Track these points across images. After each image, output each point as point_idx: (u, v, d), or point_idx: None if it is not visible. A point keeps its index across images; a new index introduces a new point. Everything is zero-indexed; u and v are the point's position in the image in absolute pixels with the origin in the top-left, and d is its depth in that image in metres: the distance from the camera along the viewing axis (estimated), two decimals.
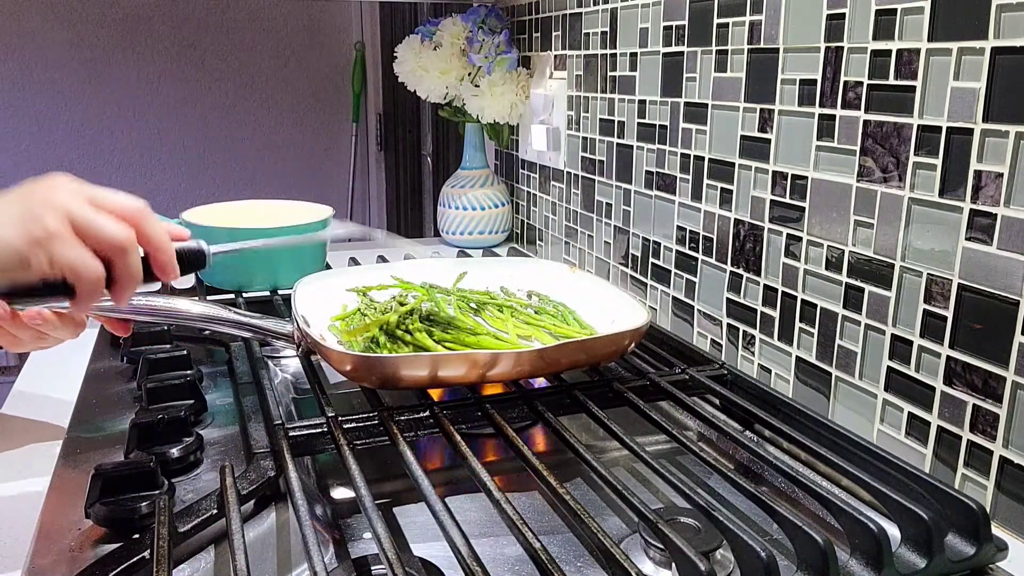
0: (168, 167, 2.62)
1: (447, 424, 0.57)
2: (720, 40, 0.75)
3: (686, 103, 0.81)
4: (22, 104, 2.42)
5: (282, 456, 0.53)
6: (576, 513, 0.46)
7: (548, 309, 0.76)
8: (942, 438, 0.56)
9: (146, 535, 0.46)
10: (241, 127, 2.68)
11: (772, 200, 0.70)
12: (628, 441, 0.54)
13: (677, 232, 0.85)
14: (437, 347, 0.66)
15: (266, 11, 2.63)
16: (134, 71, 2.51)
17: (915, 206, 0.56)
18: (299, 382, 0.78)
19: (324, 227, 0.96)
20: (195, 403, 0.65)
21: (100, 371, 0.76)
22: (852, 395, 0.63)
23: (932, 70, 0.54)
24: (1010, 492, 0.52)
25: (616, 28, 0.94)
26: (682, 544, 0.42)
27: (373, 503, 0.46)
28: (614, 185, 0.97)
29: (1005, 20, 0.49)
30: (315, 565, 0.41)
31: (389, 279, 0.82)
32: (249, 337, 0.71)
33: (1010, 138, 0.49)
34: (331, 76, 2.75)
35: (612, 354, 0.66)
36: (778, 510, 0.45)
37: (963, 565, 0.46)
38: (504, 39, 1.18)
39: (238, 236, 0.91)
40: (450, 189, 1.30)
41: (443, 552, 0.47)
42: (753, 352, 0.74)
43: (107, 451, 0.60)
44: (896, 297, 0.59)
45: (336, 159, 2.83)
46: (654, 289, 0.91)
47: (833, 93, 0.62)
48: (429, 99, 1.25)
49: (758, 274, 0.73)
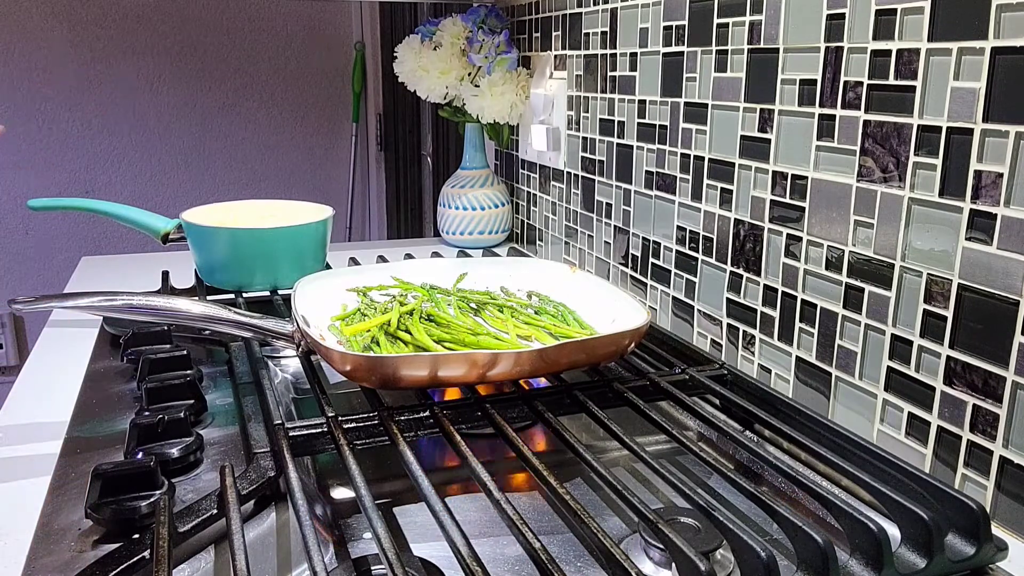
0: (168, 167, 2.62)
1: (447, 424, 0.57)
2: (720, 40, 0.75)
3: (686, 103, 0.81)
4: (22, 104, 2.42)
5: (282, 456, 0.53)
6: (576, 513, 0.46)
7: (548, 309, 0.76)
8: (942, 438, 0.56)
9: (146, 535, 0.46)
10: (241, 127, 2.68)
11: (772, 200, 0.70)
12: (628, 441, 0.54)
13: (677, 232, 0.85)
14: (437, 347, 0.66)
15: (266, 11, 2.63)
16: (134, 71, 2.51)
17: (915, 206, 0.56)
18: (299, 382, 0.78)
19: (324, 227, 0.96)
20: (195, 403, 0.65)
21: (100, 371, 0.76)
22: (852, 395, 0.63)
23: (932, 70, 0.54)
24: (1010, 492, 0.52)
25: (616, 28, 0.94)
26: (682, 544, 0.42)
27: (373, 503, 0.46)
28: (614, 185, 0.97)
29: (1005, 20, 0.49)
30: (315, 565, 0.41)
31: (389, 279, 0.82)
32: (249, 337, 0.71)
33: (1010, 138, 0.49)
34: (331, 76, 2.75)
35: (612, 354, 0.66)
36: (778, 510, 0.45)
37: (963, 565, 0.46)
38: (504, 39, 1.18)
39: (238, 236, 0.92)
40: (450, 189, 1.30)
41: (443, 552, 0.47)
42: (753, 352, 0.75)
43: (107, 451, 0.60)
44: (896, 297, 0.59)
45: (336, 159, 2.83)
46: (654, 289, 0.91)
47: (833, 93, 0.62)
48: (429, 99, 1.25)
49: (758, 274, 0.73)
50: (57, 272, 2.55)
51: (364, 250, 1.25)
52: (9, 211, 2.47)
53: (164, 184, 2.62)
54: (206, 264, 0.94)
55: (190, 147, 2.63)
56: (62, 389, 0.73)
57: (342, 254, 1.16)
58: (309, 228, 0.94)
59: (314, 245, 0.95)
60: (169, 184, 2.63)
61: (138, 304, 0.65)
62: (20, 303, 0.62)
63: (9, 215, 2.48)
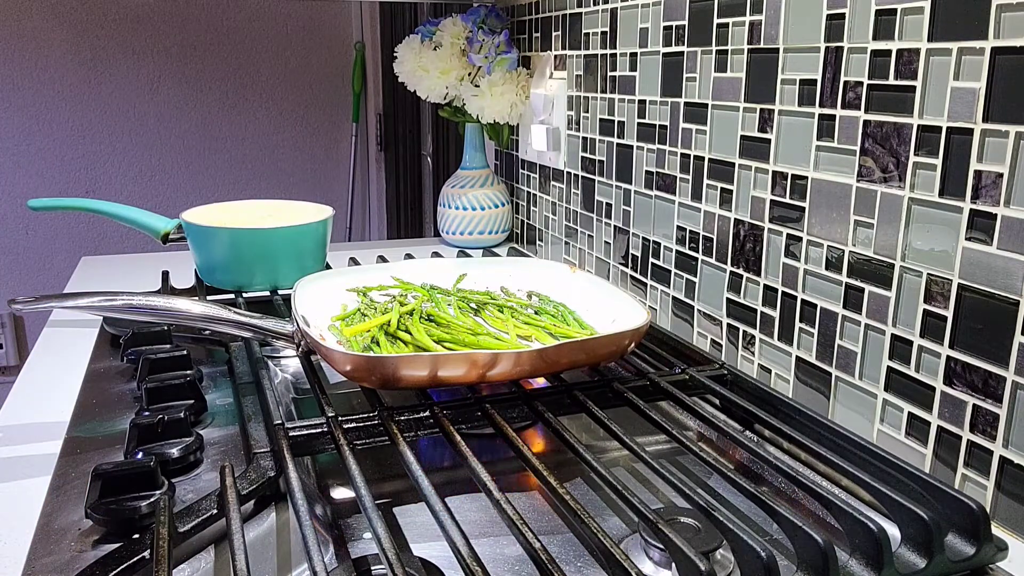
0: (168, 167, 2.62)
1: (447, 424, 0.57)
2: (720, 40, 0.75)
3: (686, 103, 0.81)
4: (22, 104, 2.42)
5: (282, 456, 0.53)
6: (576, 513, 0.46)
7: (548, 309, 0.76)
8: (942, 438, 0.56)
9: (146, 535, 0.46)
10: (241, 127, 2.68)
11: (772, 200, 0.70)
12: (628, 441, 0.54)
13: (677, 232, 0.85)
14: (437, 347, 0.66)
15: (266, 11, 2.63)
16: (134, 71, 2.51)
17: (915, 206, 0.56)
18: (299, 382, 0.78)
19: (324, 227, 0.96)
20: (195, 403, 0.65)
21: (100, 371, 0.76)
22: (852, 395, 0.63)
23: (932, 70, 0.54)
24: (1010, 492, 0.52)
25: (616, 28, 0.94)
26: (682, 544, 0.42)
27: (373, 503, 0.46)
28: (614, 185, 0.97)
29: (1005, 20, 0.49)
30: (315, 565, 0.41)
31: (389, 279, 0.82)
32: (249, 337, 0.71)
33: (1010, 138, 0.49)
34: (331, 76, 2.75)
35: (612, 354, 0.66)
36: (778, 510, 0.45)
37: (963, 565, 0.46)
38: (504, 39, 1.18)
39: (238, 236, 0.92)
40: (450, 189, 1.30)
41: (443, 552, 0.47)
42: (753, 352, 0.74)
43: (107, 451, 0.60)
44: (896, 297, 0.59)
45: (336, 159, 2.83)
46: (654, 289, 0.91)
47: (833, 93, 0.62)
48: (429, 99, 1.25)
49: (758, 274, 0.73)
50: (57, 272, 2.55)
51: (364, 250, 1.25)
52: (9, 211, 2.47)
53: (164, 184, 2.62)
54: (206, 264, 0.94)
55: (190, 147, 2.63)
56: (62, 389, 0.73)
57: (342, 254, 1.16)
58: (309, 228, 0.94)
59: (314, 245, 0.95)
60: (169, 184, 2.63)
61: (138, 304, 0.65)
62: (20, 303, 0.62)
63: (9, 215, 2.48)
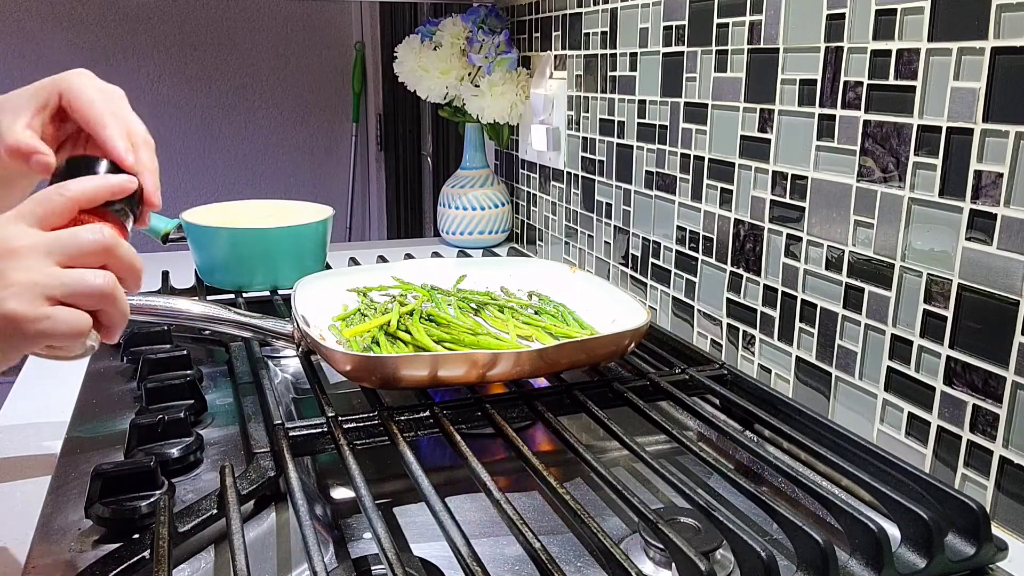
0: (168, 167, 2.61)
1: (447, 424, 0.57)
2: (720, 40, 0.75)
3: (686, 103, 0.81)
4: None
5: (282, 456, 0.53)
6: (576, 513, 0.46)
7: (548, 309, 0.76)
8: (942, 438, 0.56)
9: (146, 535, 0.46)
10: (241, 127, 2.68)
11: (772, 200, 0.70)
12: (628, 441, 0.54)
13: (677, 232, 0.85)
14: (437, 347, 0.66)
15: (266, 11, 2.63)
16: (134, 71, 2.51)
17: (915, 206, 0.56)
18: (299, 382, 0.78)
19: (324, 227, 0.96)
20: (195, 403, 0.65)
21: (100, 371, 0.76)
22: (852, 395, 0.63)
23: (932, 70, 0.54)
24: (1010, 492, 0.52)
25: (616, 28, 0.94)
26: (682, 544, 0.42)
27: (373, 503, 0.46)
28: (614, 185, 0.97)
29: (1005, 20, 0.49)
30: (315, 565, 0.41)
31: (389, 279, 0.82)
32: (249, 337, 0.71)
33: (1010, 138, 0.49)
34: (331, 76, 2.75)
35: (612, 354, 0.66)
36: (778, 510, 0.45)
37: (963, 565, 0.46)
38: (504, 39, 1.18)
39: (238, 236, 0.92)
40: (450, 189, 1.30)
41: (443, 552, 0.47)
42: (753, 352, 0.75)
43: (107, 451, 0.60)
44: (896, 297, 0.59)
45: (336, 159, 2.83)
46: (654, 289, 0.91)
47: (833, 93, 0.62)
48: (429, 99, 1.25)
49: (758, 274, 0.73)
50: None
51: (364, 250, 1.25)
52: None
53: (164, 184, 2.60)
54: (206, 264, 0.94)
55: (190, 147, 2.63)
56: (62, 389, 0.73)
57: (342, 254, 1.16)
58: (309, 228, 0.94)
59: (314, 245, 0.95)
60: (169, 184, 2.61)
61: (138, 304, 0.65)
62: None
63: None
